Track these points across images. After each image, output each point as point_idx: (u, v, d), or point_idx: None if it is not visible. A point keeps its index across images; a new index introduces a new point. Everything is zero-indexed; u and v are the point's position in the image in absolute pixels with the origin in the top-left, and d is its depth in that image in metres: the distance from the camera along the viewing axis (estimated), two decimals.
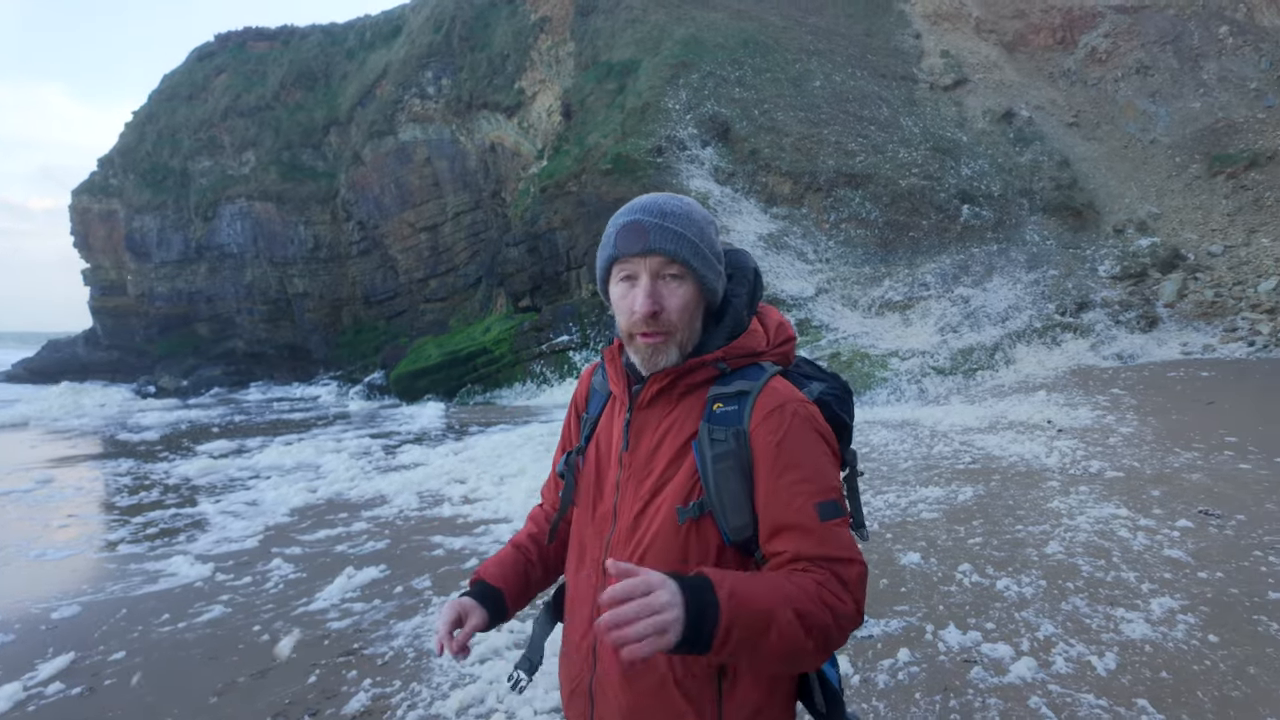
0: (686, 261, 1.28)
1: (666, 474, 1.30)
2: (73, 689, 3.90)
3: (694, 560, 1.25)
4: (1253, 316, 15.09)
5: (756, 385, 1.27)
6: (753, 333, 1.35)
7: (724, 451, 1.23)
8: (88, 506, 8.72)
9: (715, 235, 1.34)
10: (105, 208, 36.54)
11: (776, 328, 1.40)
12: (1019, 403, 11.31)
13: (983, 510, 6.12)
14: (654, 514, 1.29)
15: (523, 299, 21.68)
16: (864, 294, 17.38)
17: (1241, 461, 7.08)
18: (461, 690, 3.57)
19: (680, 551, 1.26)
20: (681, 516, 1.26)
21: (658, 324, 1.28)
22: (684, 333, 1.30)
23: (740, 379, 1.30)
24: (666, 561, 1.25)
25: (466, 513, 7.32)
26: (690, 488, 1.27)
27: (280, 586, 5.39)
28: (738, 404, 1.26)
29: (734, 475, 1.23)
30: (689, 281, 1.30)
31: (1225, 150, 19.86)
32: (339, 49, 34.52)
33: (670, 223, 1.28)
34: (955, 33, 25.87)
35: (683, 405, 1.32)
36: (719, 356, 1.31)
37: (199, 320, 34.36)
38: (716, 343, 1.33)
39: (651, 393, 1.33)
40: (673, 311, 1.28)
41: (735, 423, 1.25)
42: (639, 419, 1.36)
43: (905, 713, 3.22)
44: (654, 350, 1.30)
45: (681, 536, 1.26)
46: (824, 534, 1.19)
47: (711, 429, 1.26)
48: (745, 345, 1.33)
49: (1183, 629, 3.81)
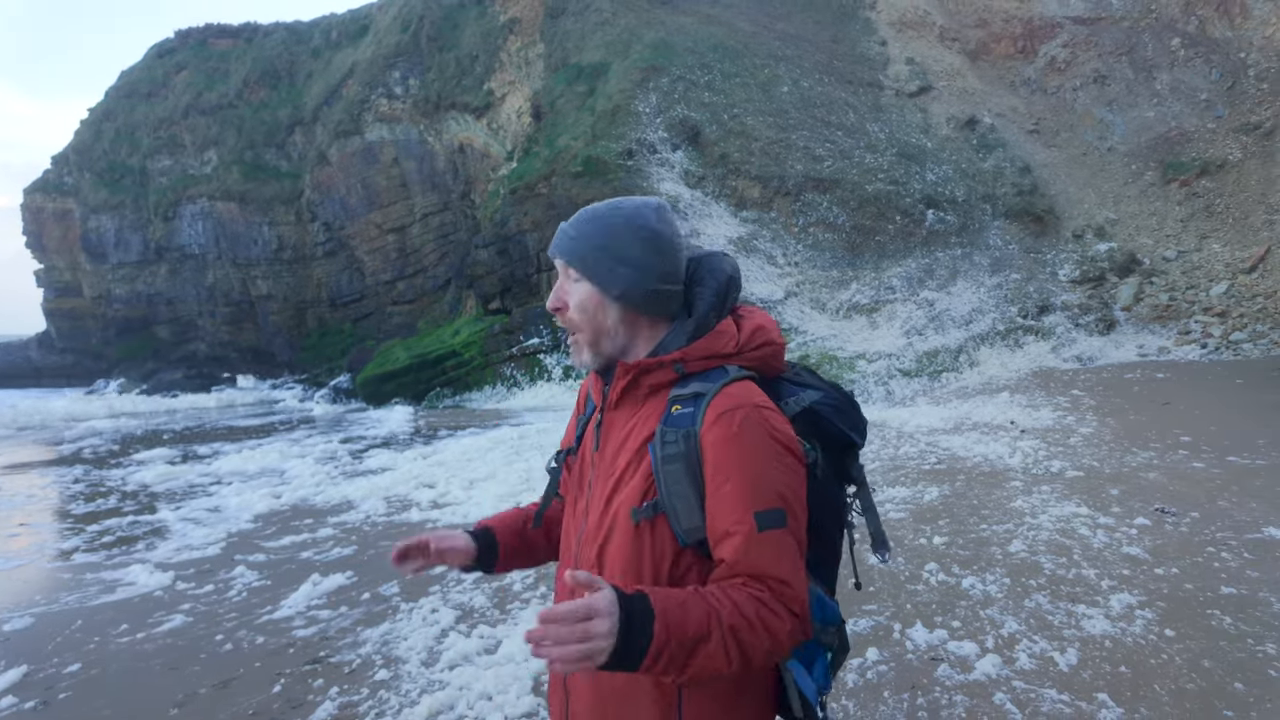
0: (578, 265, 1.36)
1: (625, 475, 1.30)
2: (26, 703, 3.77)
3: (650, 560, 1.25)
4: (1205, 320, 15.58)
5: (713, 388, 1.26)
6: (718, 334, 1.34)
7: (673, 453, 1.23)
8: (39, 514, 8.45)
9: (635, 242, 1.34)
10: (60, 207, 35.50)
11: (753, 331, 1.37)
12: (983, 404, 11.53)
13: (948, 510, 6.22)
14: (613, 514, 1.29)
15: (492, 301, 21.53)
16: (832, 297, 17.58)
17: (1195, 460, 7.30)
18: (431, 696, 3.52)
19: (635, 552, 1.25)
20: (635, 517, 1.25)
21: (565, 320, 1.39)
22: (589, 332, 1.36)
23: (700, 381, 1.29)
24: (624, 560, 1.26)
25: (435, 518, 7.24)
26: (646, 488, 1.26)
27: (244, 595, 5.27)
28: (693, 406, 1.26)
29: (683, 478, 1.22)
30: (586, 283, 1.36)
31: (1178, 158, 20.47)
32: (304, 47, 33.95)
33: (577, 229, 1.38)
34: (920, 40, 26.30)
35: (646, 407, 1.33)
36: (676, 358, 1.31)
37: (159, 323, 33.52)
38: (677, 344, 1.33)
39: (616, 393, 1.35)
40: (572, 310, 1.37)
41: (688, 424, 1.24)
42: (608, 419, 1.38)
43: (874, 711, 3.25)
44: (572, 349, 1.41)
45: (637, 537, 1.25)
46: (761, 545, 1.17)
47: (665, 430, 1.25)
48: (707, 347, 1.32)
49: (1141, 624, 3.92)
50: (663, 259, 1.35)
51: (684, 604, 1.11)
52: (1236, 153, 19.67)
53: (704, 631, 1.09)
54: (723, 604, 1.13)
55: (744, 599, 1.15)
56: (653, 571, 1.25)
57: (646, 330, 1.37)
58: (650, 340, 1.37)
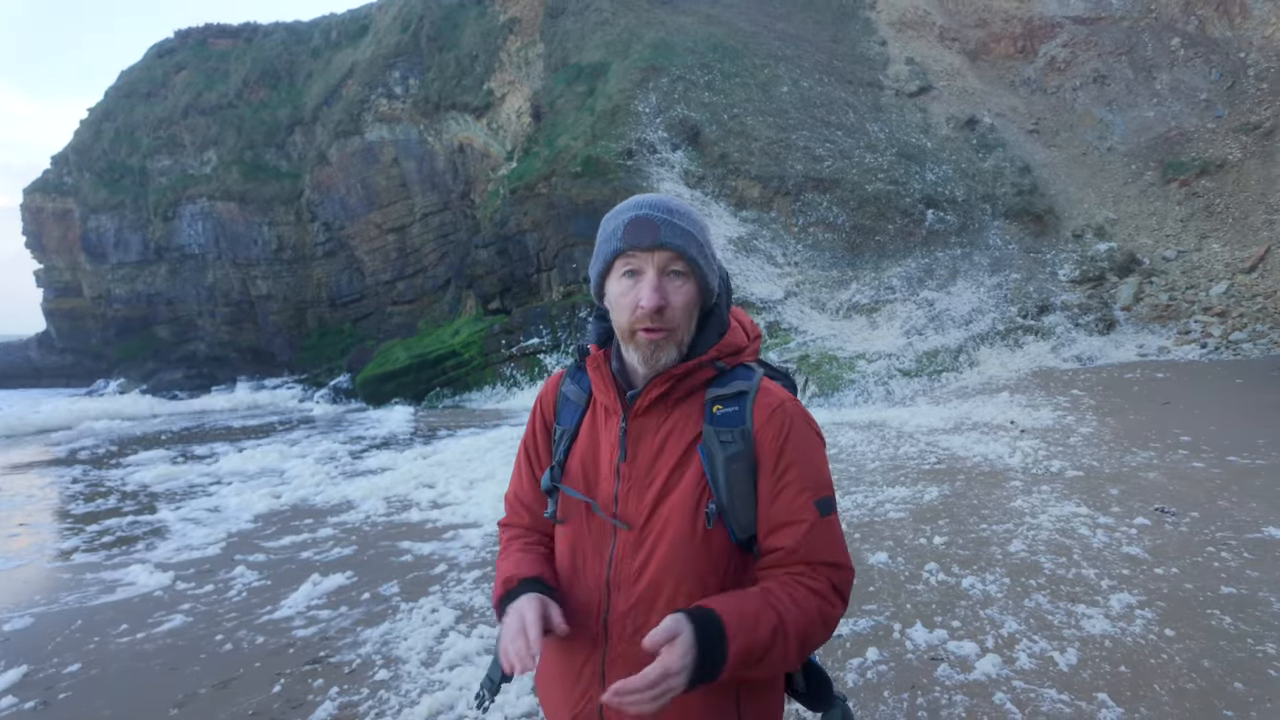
0: (693, 259, 1.28)
1: (672, 480, 1.28)
2: (25, 703, 3.77)
3: (710, 561, 1.26)
4: (1205, 319, 15.58)
5: (753, 385, 1.30)
6: (735, 330, 1.37)
7: (735, 453, 1.25)
8: (39, 514, 8.45)
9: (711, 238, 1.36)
10: (60, 207, 35.47)
11: (750, 326, 1.43)
12: (983, 404, 11.53)
13: (948, 510, 6.22)
14: (663, 522, 1.26)
15: (492, 301, 21.53)
16: (832, 297, 17.58)
17: (1195, 460, 7.30)
18: (430, 697, 3.52)
19: (700, 554, 1.26)
20: (710, 521, 1.25)
21: (662, 320, 1.26)
22: (684, 332, 1.30)
23: (736, 379, 1.31)
24: (685, 564, 1.25)
25: (435, 518, 7.24)
26: (700, 492, 1.26)
27: (244, 595, 5.27)
28: (738, 405, 1.27)
29: (746, 476, 1.25)
30: (692, 280, 1.29)
31: (1178, 158, 20.47)
32: (304, 47, 33.93)
33: (678, 220, 1.29)
34: (919, 40, 26.30)
35: (680, 409, 1.31)
36: (714, 356, 1.31)
37: (159, 323, 33.49)
38: (709, 342, 1.32)
39: (651, 398, 1.30)
40: (677, 309, 1.27)
41: (739, 423, 1.26)
42: (635, 426, 1.32)
43: (874, 711, 3.25)
44: (655, 347, 1.28)
45: (699, 540, 1.25)
46: (823, 531, 1.25)
47: (718, 431, 1.26)
48: (733, 343, 1.35)
49: (1140, 624, 3.92)
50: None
51: (756, 615, 1.16)
52: (1236, 152, 19.67)
53: (771, 641, 1.16)
54: (788, 608, 1.19)
55: (805, 596, 1.21)
56: (715, 573, 1.27)
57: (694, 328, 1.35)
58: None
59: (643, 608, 1.27)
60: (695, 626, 1.11)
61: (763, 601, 1.19)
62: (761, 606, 1.18)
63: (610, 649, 1.29)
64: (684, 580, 1.25)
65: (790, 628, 1.17)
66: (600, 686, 1.27)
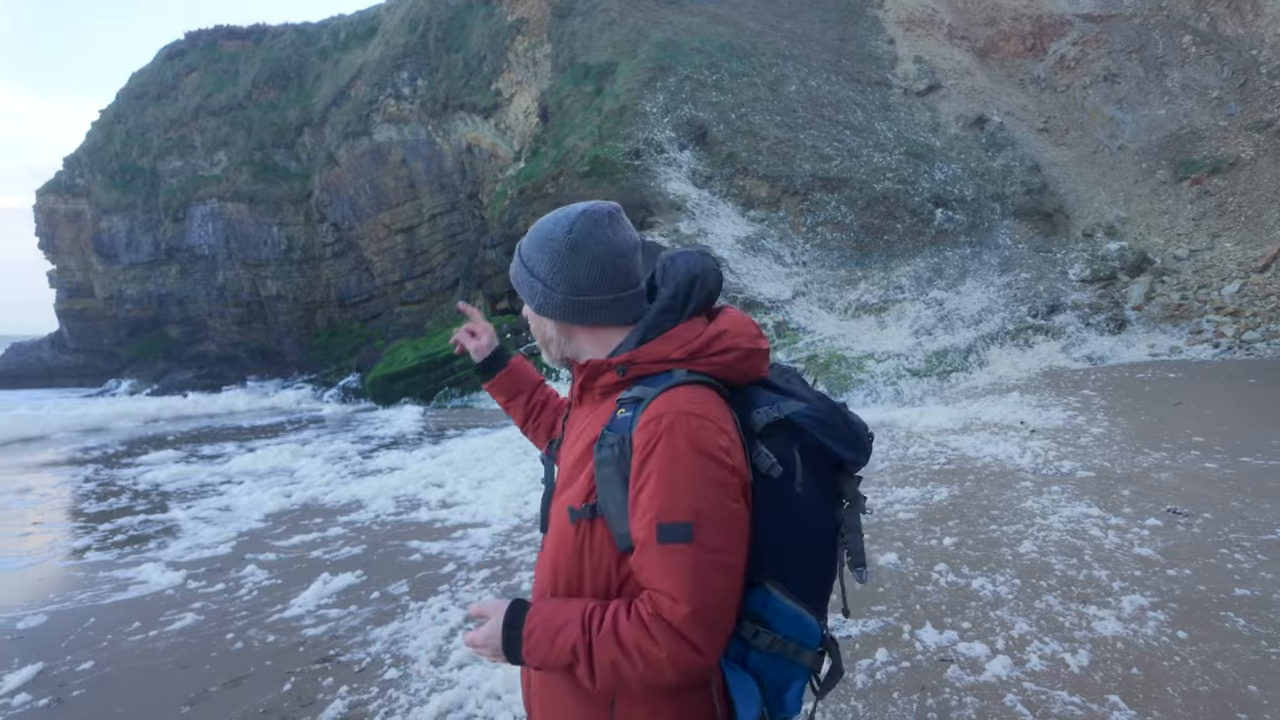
0: (514, 285, 1.45)
1: (572, 474, 1.31)
2: (39, 700, 3.80)
3: (589, 562, 1.24)
4: (1217, 319, 15.46)
5: (653, 392, 1.22)
6: (669, 338, 1.29)
7: (607, 457, 1.21)
8: (53, 513, 8.51)
9: (543, 259, 1.35)
10: (72, 208, 35.78)
11: (715, 336, 1.29)
12: (992, 404, 11.48)
13: (958, 510, 6.20)
14: (559, 511, 1.32)
15: (500, 301, 21.57)
16: (840, 297, 17.53)
17: (1208, 461, 7.24)
18: (440, 695, 3.53)
19: (576, 552, 1.25)
20: (573, 517, 1.25)
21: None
22: (539, 340, 1.46)
23: (643, 385, 1.26)
24: (565, 559, 1.27)
25: (444, 517, 7.26)
26: (588, 489, 1.25)
27: (254, 593, 5.30)
28: (633, 410, 1.23)
29: (615, 482, 1.20)
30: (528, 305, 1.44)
31: (1190, 157, 20.32)
32: (312, 49, 34.12)
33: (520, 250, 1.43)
34: (928, 39, 26.21)
35: (601, 408, 1.32)
36: (622, 360, 1.29)
37: (170, 323, 33.76)
38: (626, 347, 1.32)
39: (575, 390, 1.39)
40: (533, 330, 1.46)
41: (626, 429, 1.22)
42: (572, 416, 1.43)
43: (883, 712, 3.24)
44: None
45: (576, 537, 1.25)
46: (657, 557, 1.14)
47: (606, 434, 1.23)
48: (654, 351, 1.28)
49: (1153, 626, 3.89)
50: (575, 270, 1.32)
51: (560, 629, 1.20)
52: (1249, 150, 19.52)
53: (571, 657, 1.18)
54: (602, 632, 1.17)
55: (627, 625, 1.15)
56: (592, 573, 1.24)
57: (587, 337, 1.37)
58: (602, 344, 1.36)
59: (537, 589, 1.36)
60: (506, 616, 1.25)
61: (579, 617, 1.19)
62: (571, 621, 1.19)
63: None
64: (560, 574, 1.28)
65: (596, 651, 1.15)
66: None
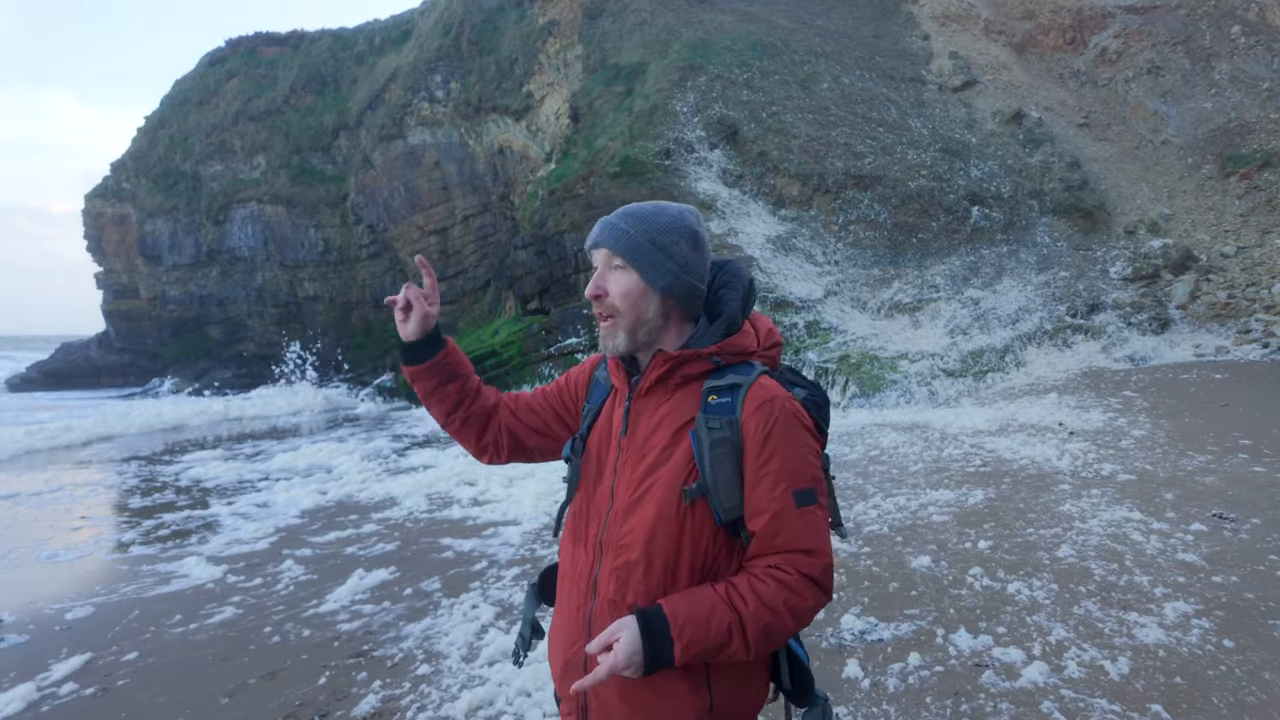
0: (629, 255, 1.43)
1: (662, 457, 1.40)
2: (86, 689, 3.92)
3: (690, 537, 1.36)
4: (1267, 318, 14.95)
5: (748, 380, 1.40)
6: (745, 334, 1.48)
7: (720, 439, 1.35)
8: (99, 509, 8.78)
9: (682, 241, 1.46)
10: (118, 211, 36.79)
11: (767, 333, 1.54)
12: (1030, 405, 11.24)
13: (994, 513, 6.09)
14: (649, 494, 1.39)
15: (531, 301, 21.69)
16: (873, 296, 17.32)
17: (1256, 464, 7.01)
18: (470, 692, 3.57)
19: (678, 529, 1.36)
20: (688, 497, 1.36)
21: (603, 306, 1.46)
22: (629, 319, 1.45)
23: (733, 374, 1.42)
24: (665, 536, 1.36)
25: (476, 515, 7.33)
26: (687, 471, 1.38)
27: (291, 588, 5.41)
28: (730, 396, 1.39)
29: (728, 461, 1.34)
30: (632, 272, 1.44)
31: (1238, 151, 19.68)
32: (349, 53, 34.65)
33: (624, 223, 1.46)
34: (964, 34, 25.76)
35: (679, 395, 1.45)
36: (714, 351, 1.44)
37: (210, 323, 34.54)
38: (711, 339, 1.46)
39: (650, 381, 1.45)
40: (615, 297, 1.44)
41: (729, 413, 1.37)
42: (637, 406, 1.48)
43: (916, 716, 3.20)
44: (604, 333, 1.48)
45: (680, 515, 1.36)
46: (796, 520, 1.33)
47: (708, 418, 1.37)
48: (738, 344, 1.46)
49: (1197, 633, 3.78)
50: (701, 259, 1.49)
51: (709, 615, 1.29)
52: None
53: (727, 637, 1.28)
54: (748, 604, 1.29)
55: (771, 591, 1.30)
56: (691, 547, 1.37)
57: (677, 324, 1.50)
58: (679, 334, 1.49)
59: (623, 571, 1.39)
60: (641, 628, 1.26)
61: (720, 599, 1.30)
62: (716, 605, 1.29)
63: (597, 603, 1.42)
64: (660, 551, 1.36)
65: (749, 623, 1.28)
66: (587, 636, 1.41)
